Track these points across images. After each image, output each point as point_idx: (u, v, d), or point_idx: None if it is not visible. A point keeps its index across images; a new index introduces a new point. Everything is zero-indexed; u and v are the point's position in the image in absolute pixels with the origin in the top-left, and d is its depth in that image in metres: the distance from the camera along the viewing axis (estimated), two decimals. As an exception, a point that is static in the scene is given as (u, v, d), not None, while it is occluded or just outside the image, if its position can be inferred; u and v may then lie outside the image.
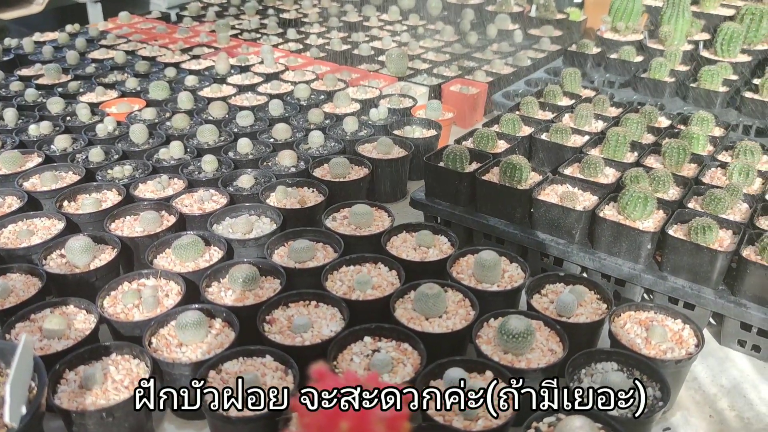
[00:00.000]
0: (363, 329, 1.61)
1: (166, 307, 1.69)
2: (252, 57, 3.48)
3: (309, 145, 2.53)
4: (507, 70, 3.40)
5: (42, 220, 2.07)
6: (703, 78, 2.96)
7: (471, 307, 1.70)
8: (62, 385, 1.46)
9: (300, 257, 1.88)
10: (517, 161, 2.04)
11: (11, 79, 3.19)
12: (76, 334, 1.61)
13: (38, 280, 1.79)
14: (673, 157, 2.16)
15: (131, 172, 2.34)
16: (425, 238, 1.94)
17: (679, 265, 1.83)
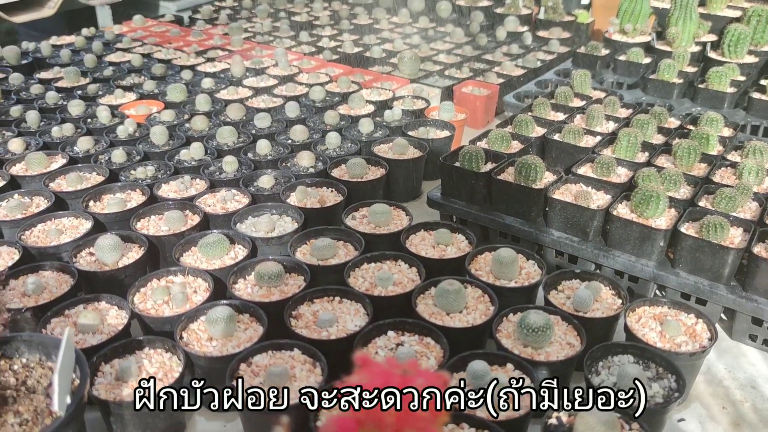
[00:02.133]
0: (386, 324, 1.66)
1: (195, 303, 1.74)
2: (266, 59, 3.54)
3: (326, 146, 2.58)
4: (517, 72, 3.46)
5: (69, 219, 2.13)
6: (711, 79, 3.01)
7: (490, 303, 1.75)
8: (99, 377, 1.52)
9: (322, 255, 1.93)
10: (532, 161, 2.10)
11: (31, 82, 3.25)
12: (109, 329, 1.67)
13: (70, 278, 1.85)
14: (684, 157, 2.22)
15: (154, 172, 2.40)
16: (443, 236, 2.00)
17: (692, 262, 1.88)
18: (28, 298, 1.77)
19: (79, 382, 1.34)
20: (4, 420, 1.30)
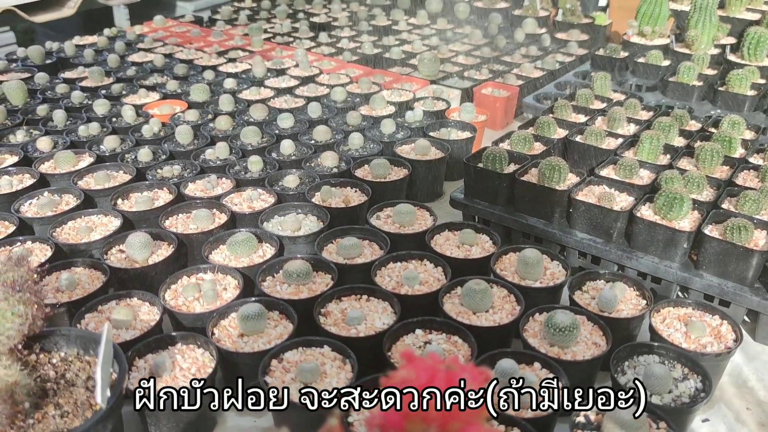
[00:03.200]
0: (414, 322, 1.69)
1: (225, 300, 1.77)
2: (286, 60, 3.57)
3: (349, 146, 2.61)
4: (536, 74, 3.47)
5: (99, 216, 2.17)
6: (731, 82, 3.01)
7: (516, 303, 1.77)
8: (134, 372, 1.55)
9: (349, 254, 1.96)
10: (556, 163, 2.12)
11: (56, 82, 3.30)
12: (141, 325, 1.70)
13: (101, 274, 1.89)
14: (708, 159, 2.23)
15: (180, 171, 2.43)
16: (468, 236, 2.02)
17: (716, 264, 1.89)
18: (62, 293, 1.81)
19: (118, 375, 1.37)
20: (46, 412, 1.33)
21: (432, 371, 0.87)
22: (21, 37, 4.92)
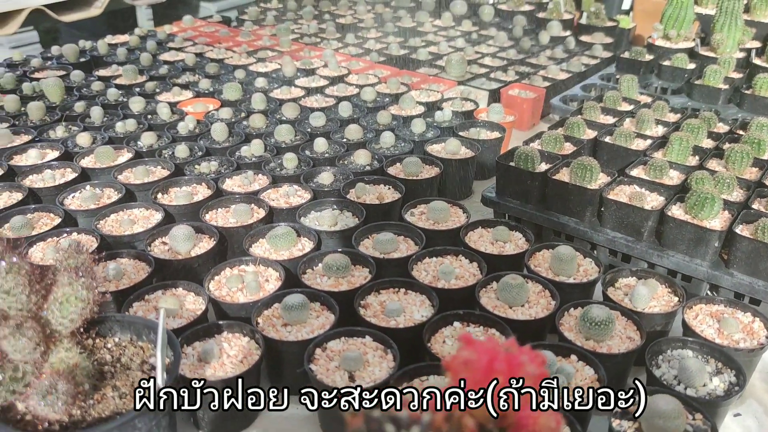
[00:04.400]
0: (452, 315, 1.73)
1: (268, 291, 1.83)
2: (315, 60, 3.63)
3: (380, 144, 2.66)
4: (563, 76, 3.51)
5: (140, 210, 2.23)
6: (757, 85, 3.04)
7: (551, 298, 1.81)
8: (183, 359, 1.61)
9: (385, 248, 2.01)
10: (588, 162, 2.16)
11: (91, 79, 3.37)
12: (188, 314, 1.76)
13: (146, 265, 1.95)
14: (738, 161, 2.26)
15: (216, 167, 2.49)
16: (502, 233, 2.06)
17: (747, 263, 1.92)
18: (109, 282, 1.87)
19: (173, 360, 1.42)
20: (104, 393, 1.39)
21: (492, 353, 0.91)
22: (44, 37, 5.01)
